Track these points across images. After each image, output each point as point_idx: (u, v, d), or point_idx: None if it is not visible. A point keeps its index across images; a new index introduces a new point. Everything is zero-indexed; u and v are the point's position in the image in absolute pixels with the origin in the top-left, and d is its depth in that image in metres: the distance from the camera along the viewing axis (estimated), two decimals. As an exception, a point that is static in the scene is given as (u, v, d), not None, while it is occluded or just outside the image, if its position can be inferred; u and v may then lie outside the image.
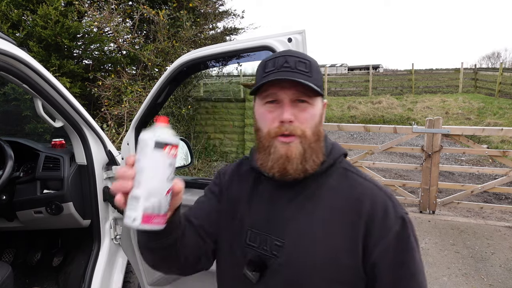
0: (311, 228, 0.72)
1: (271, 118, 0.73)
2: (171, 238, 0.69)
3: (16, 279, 1.92)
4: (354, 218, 0.71)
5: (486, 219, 4.13)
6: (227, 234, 0.81)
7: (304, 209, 0.74)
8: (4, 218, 1.95)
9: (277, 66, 0.73)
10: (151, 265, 0.78)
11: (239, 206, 0.81)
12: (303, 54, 0.76)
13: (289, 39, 1.16)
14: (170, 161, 0.60)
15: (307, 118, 0.73)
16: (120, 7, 5.15)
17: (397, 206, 0.73)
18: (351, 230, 0.70)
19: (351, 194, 0.74)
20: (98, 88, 4.65)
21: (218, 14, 6.68)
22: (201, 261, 0.82)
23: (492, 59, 33.40)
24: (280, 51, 0.80)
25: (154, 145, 0.59)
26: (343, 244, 0.70)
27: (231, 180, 0.87)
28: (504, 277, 2.88)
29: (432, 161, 4.13)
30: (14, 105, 3.72)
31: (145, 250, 0.73)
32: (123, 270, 1.99)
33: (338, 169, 0.79)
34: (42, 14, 4.05)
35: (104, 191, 1.88)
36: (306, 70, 0.72)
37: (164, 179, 0.60)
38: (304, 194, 0.76)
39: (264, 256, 0.74)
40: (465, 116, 10.52)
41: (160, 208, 0.59)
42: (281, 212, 0.75)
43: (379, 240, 0.69)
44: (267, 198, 0.79)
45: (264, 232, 0.75)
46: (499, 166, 5.95)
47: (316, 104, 0.74)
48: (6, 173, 1.63)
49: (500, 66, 12.84)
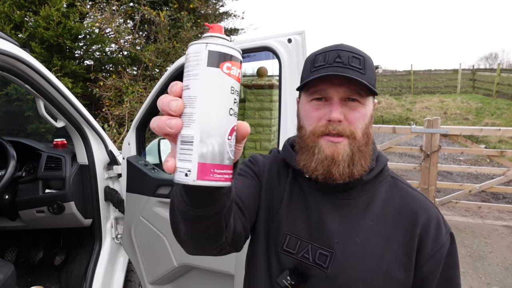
0: (362, 239, 0.67)
1: (318, 116, 0.68)
2: (219, 204, 0.52)
3: (19, 278, 1.93)
4: (408, 231, 0.67)
5: (484, 218, 4.16)
6: (262, 231, 0.74)
7: (352, 218, 0.69)
8: (6, 218, 1.97)
9: (328, 61, 0.67)
10: (184, 239, 0.60)
11: (276, 205, 0.74)
12: (357, 49, 0.69)
13: (289, 39, 1.18)
14: (232, 84, 0.42)
15: (357, 119, 0.66)
16: (121, 8, 5.18)
17: (445, 221, 0.71)
18: (405, 243, 0.67)
19: (404, 206, 0.70)
20: (99, 89, 4.67)
21: (219, 15, 6.71)
22: (242, 239, 0.69)
23: (490, 60, 33.47)
24: (332, 45, 0.71)
25: (208, 59, 0.41)
26: (397, 258, 0.66)
27: (266, 171, 0.78)
28: (501, 276, 2.90)
29: (431, 161, 4.15)
30: (17, 105, 3.73)
31: (182, 218, 0.55)
32: (124, 269, 2.00)
33: (387, 177, 0.74)
34: (44, 15, 4.07)
35: (105, 190, 1.90)
36: (360, 67, 0.66)
37: (225, 111, 0.42)
38: (352, 202, 0.70)
39: (304, 265, 0.68)
40: (463, 116, 10.54)
41: (222, 154, 0.42)
42: (326, 219, 0.69)
43: (431, 255, 0.66)
44: (309, 202, 0.72)
45: (306, 239, 0.69)
46: (496, 166, 5.97)
47: (367, 103, 0.68)
48: (8, 173, 1.65)
49: (498, 67, 12.87)
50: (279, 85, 1.20)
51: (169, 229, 1.55)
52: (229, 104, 0.42)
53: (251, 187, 0.74)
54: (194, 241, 0.60)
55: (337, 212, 0.70)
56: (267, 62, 1.38)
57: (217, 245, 0.61)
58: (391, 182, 0.74)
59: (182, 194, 0.52)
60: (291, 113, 1.17)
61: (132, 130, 1.76)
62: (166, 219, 1.48)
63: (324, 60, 0.67)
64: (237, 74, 0.43)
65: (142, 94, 4.72)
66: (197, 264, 1.38)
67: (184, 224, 0.55)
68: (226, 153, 0.42)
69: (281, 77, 1.19)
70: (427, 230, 0.67)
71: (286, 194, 0.74)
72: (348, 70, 0.65)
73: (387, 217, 0.69)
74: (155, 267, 1.59)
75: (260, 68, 4.65)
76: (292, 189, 0.75)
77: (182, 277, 1.53)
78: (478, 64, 28.05)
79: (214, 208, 0.52)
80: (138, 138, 1.75)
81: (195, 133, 0.41)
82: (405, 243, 0.67)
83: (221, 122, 0.42)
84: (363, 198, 0.70)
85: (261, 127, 4.84)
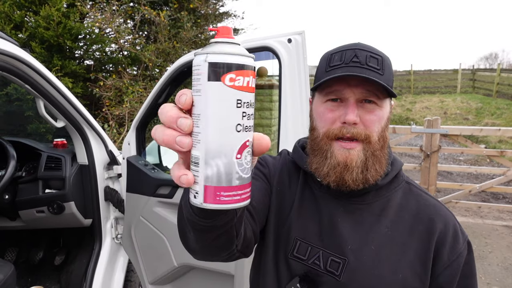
0: (376, 245, 0.65)
1: (332, 118, 0.65)
2: (230, 214, 0.49)
3: (19, 278, 1.93)
4: (425, 239, 0.65)
5: (484, 218, 4.16)
6: (271, 236, 0.71)
7: (366, 223, 0.67)
8: (6, 218, 1.97)
9: (345, 61, 0.64)
10: (193, 248, 0.58)
11: (286, 209, 0.72)
12: (375, 48, 0.67)
13: (289, 39, 1.18)
14: (238, 96, 0.38)
15: (373, 121, 0.64)
16: (121, 8, 5.18)
17: (462, 228, 0.69)
18: (421, 251, 0.64)
19: (420, 212, 0.67)
20: (99, 89, 4.67)
21: (219, 15, 6.71)
22: (251, 245, 0.66)
23: (490, 60, 33.45)
24: (349, 43, 0.68)
25: (208, 73, 0.38)
26: (412, 266, 0.64)
27: (277, 173, 0.76)
28: (501, 276, 2.90)
29: (431, 161, 4.15)
30: (17, 105, 3.73)
31: (192, 228, 0.52)
32: (124, 269, 2.00)
33: (402, 182, 0.72)
34: (44, 15, 4.07)
35: (105, 190, 1.90)
36: (378, 67, 0.63)
37: (230, 129, 0.38)
38: (365, 207, 0.68)
39: (314, 272, 0.66)
40: (463, 116, 10.54)
41: (230, 175, 0.39)
42: (338, 224, 0.67)
43: (448, 264, 0.64)
44: (320, 205, 0.70)
45: (317, 245, 0.67)
46: (496, 166, 5.97)
47: (385, 106, 0.65)
48: (8, 173, 1.65)
49: (498, 67, 12.87)
50: (279, 85, 1.20)
51: (169, 229, 1.54)
52: (236, 120, 0.38)
53: (262, 190, 0.72)
54: (204, 250, 0.58)
55: (349, 216, 0.68)
56: (267, 62, 1.38)
57: (227, 253, 0.59)
58: (406, 188, 0.72)
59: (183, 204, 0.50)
60: (291, 113, 1.17)
61: (132, 130, 1.76)
62: (166, 219, 1.48)
63: (340, 59, 0.65)
64: (244, 83, 0.38)
65: (142, 94, 4.72)
66: (197, 264, 1.38)
67: (193, 234, 0.53)
68: (236, 173, 0.39)
69: (281, 77, 1.19)
70: (444, 238, 0.65)
71: (297, 197, 0.72)
72: (365, 70, 0.62)
73: (403, 223, 0.67)
74: (155, 267, 1.59)
75: (260, 68, 4.65)
76: (303, 192, 0.73)
77: (182, 277, 1.53)
78: (478, 64, 28.05)
79: (224, 218, 0.49)
80: (138, 138, 1.75)
81: (200, 154, 0.39)
82: (421, 251, 0.64)
83: (225, 142, 0.38)
84: (377, 203, 0.68)
85: (261, 127, 4.84)
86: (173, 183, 1.48)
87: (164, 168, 1.77)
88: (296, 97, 1.17)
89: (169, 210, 1.50)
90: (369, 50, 0.65)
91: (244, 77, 0.38)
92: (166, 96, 1.60)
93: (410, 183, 0.73)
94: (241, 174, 0.40)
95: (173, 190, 1.47)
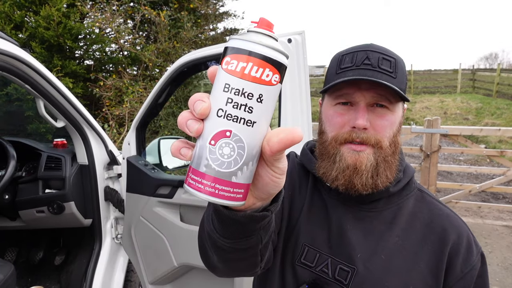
0: (386, 255, 0.63)
1: (341, 122, 0.63)
2: (254, 239, 0.46)
3: (19, 278, 1.94)
4: (437, 250, 0.63)
5: (484, 218, 4.16)
6: (279, 241, 0.69)
7: (376, 231, 0.64)
8: (6, 218, 1.97)
9: (356, 63, 0.62)
10: (214, 266, 0.56)
11: (295, 214, 0.69)
12: (388, 49, 0.64)
13: (288, 39, 1.18)
14: (226, 80, 0.37)
15: (384, 126, 0.62)
16: (121, 8, 5.18)
17: (476, 239, 0.66)
18: (433, 263, 0.62)
19: (433, 221, 0.65)
20: (99, 89, 4.67)
21: (219, 15, 6.71)
22: (272, 257, 0.65)
23: (490, 60, 33.47)
24: (361, 44, 0.66)
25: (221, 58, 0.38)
26: (423, 278, 0.61)
27: (288, 178, 0.72)
28: (501, 276, 2.90)
29: (431, 161, 4.15)
30: (17, 105, 3.74)
31: (212, 246, 0.50)
32: (124, 269, 2.00)
33: (414, 189, 0.69)
34: (44, 15, 4.07)
35: (105, 190, 1.90)
36: (390, 70, 0.61)
37: (213, 111, 0.37)
38: (376, 214, 0.66)
39: (322, 280, 0.64)
40: (463, 116, 10.55)
41: (199, 159, 0.37)
42: (347, 231, 0.65)
43: (461, 276, 0.62)
44: (329, 211, 0.67)
45: (326, 252, 0.65)
46: (496, 166, 5.97)
47: (396, 110, 0.63)
48: (8, 173, 1.65)
49: (498, 67, 12.88)
50: (279, 85, 1.20)
51: (169, 229, 1.53)
52: (219, 104, 0.37)
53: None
54: (226, 270, 0.55)
55: (359, 224, 0.65)
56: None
57: (250, 274, 0.59)
58: (418, 195, 0.69)
59: (213, 219, 0.46)
60: (291, 113, 1.17)
61: (132, 130, 1.76)
62: (166, 219, 1.49)
63: (351, 61, 0.62)
64: (237, 68, 0.36)
65: (142, 94, 4.72)
66: (197, 264, 1.38)
67: (214, 253, 0.50)
68: (205, 159, 0.37)
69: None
70: (457, 250, 0.63)
71: (307, 202, 0.70)
72: (377, 73, 0.60)
73: (414, 233, 0.64)
74: (155, 267, 1.59)
75: (260, 68, 4.64)
76: (313, 197, 0.70)
77: (182, 277, 1.53)
78: (478, 64, 28.07)
79: (248, 242, 0.45)
80: (138, 138, 1.75)
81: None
82: (433, 262, 0.62)
83: (206, 123, 0.37)
84: (388, 211, 0.66)
85: (261, 127, 4.84)
86: (173, 183, 1.49)
87: (164, 168, 1.77)
88: (296, 97, 1.17)
89: (169, 210, 1.50)
90: (381, 51, 0.63)
91: (238, 62, 0.36)
92: (166, 96, 1.60)
93: (423, 190, 0.71)
94: (211, 163, 0.37)
95: (173, 190, 1.47)
